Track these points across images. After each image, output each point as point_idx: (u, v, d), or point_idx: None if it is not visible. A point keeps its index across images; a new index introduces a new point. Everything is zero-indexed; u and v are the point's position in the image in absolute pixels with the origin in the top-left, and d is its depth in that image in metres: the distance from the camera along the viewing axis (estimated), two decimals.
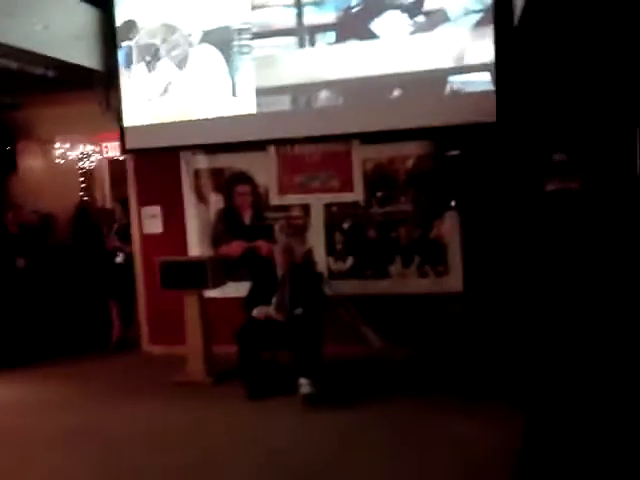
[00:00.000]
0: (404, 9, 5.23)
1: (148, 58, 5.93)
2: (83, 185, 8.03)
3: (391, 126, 5.38)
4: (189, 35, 5.79)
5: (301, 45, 5.48)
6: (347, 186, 5.88)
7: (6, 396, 5.35)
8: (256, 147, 5.98)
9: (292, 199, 6.02)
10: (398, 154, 5.73)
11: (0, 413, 4.93)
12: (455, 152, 5.35)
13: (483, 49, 5.04)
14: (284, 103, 5.61)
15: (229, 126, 5.79)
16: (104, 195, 8.41)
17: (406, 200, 5.73)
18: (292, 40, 5.51)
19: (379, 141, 5.69)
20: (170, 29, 5.85)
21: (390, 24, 5.27)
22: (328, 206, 5.93)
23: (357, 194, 5.85)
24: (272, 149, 6.00)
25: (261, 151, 6.02)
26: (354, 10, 5.35)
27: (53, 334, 6.42)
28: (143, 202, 6.42)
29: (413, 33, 5.22)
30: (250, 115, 5.70)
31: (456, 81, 5.18)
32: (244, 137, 5.80)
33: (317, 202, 5.95)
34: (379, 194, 5.81)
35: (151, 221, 6.37)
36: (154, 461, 3.88)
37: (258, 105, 5.64)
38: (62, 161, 7.51)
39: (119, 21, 5.97)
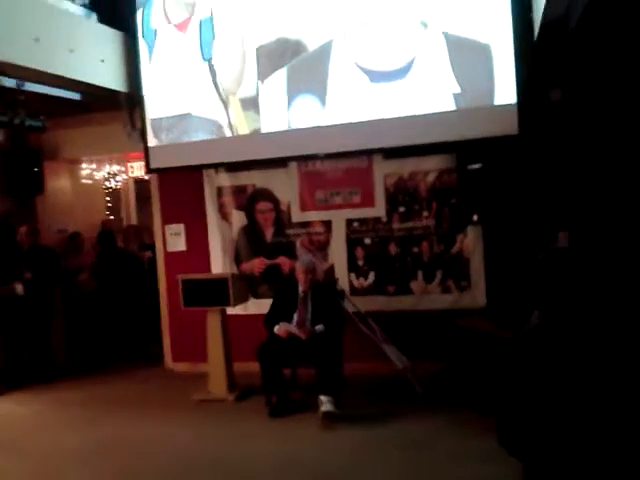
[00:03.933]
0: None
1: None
2: (109, 205, 8.15)
3: (412, 141, 5.35)
4: None
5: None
6: (369, 201, 5.87)
7: (22, 414, 5.42)
8: (278, 164, 6.00)
9: (314, 215, 6.02)
10: (420, 169, 5.71)
11: (19, 429, 5.01)
12: (477, 165, 5.30)
13: (504, 64, 5.00)
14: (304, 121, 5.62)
15: (250, 144, 5.83)
16: (130, 214, 8.54)
17: (428, 215, 5.69)
18: None
19: (401, 156, 5.67)
20: None
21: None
22: (350, 222, 5.91)
23: (379, 209, 5.83)
24: (293, 166, 6.02)
25: (283, 168, 6.04)
26: None
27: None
28: (167, 220, 6.49)
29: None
30: (271, 133, 5.72)
31: (477, 95, 5.13)
32: (265, 154, 5.82)
33: (339, 218, 5.94)
34: (401, 209, 5.78)
35: (175, 239, 6.43)
36: (177, 477, 3.88)
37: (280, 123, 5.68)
38: (89, 181, 7.63)
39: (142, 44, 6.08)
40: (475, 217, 5.33)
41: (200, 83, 5.89)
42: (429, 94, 5.23)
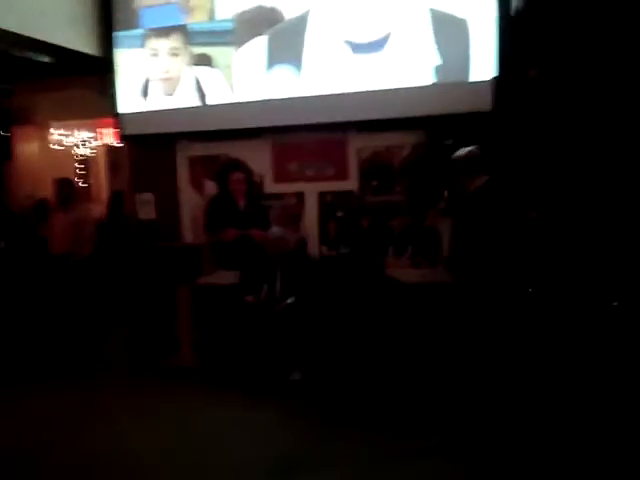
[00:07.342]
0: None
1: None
2: (81, 172, 8.03)
3: (387, 115, 5.35)
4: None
5: None
6: (342, 175, 5.88)
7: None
8: (251, 135, 5.96)
9: (287, 187, 6.02)
10: (393, 143, 5.72)
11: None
12: (450, 141, 5.31)
13: (481, 39, 4.99)
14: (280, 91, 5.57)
15: (224, 113, 5.78)
16: (100, 181, 8.41)
17: (401, 189, 5.72)
18: None
19: (375, 130, 5.66)
20: None
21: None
22: (323, 194, 5.92)
23: (352, 183, 5.85)
24: (267, 137, 5.98)
25: (256, 139, 6.00)
26: None
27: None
28: (138, 189, 6.42)
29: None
30: (245, 102, 5.67)
31: (452, 70, 5.13)
32: (239, 124, 5.79)
33: (312, 190, 5.94)
34: (374, 183, 5.80)
35: (145, 207, 6.38)
36: None
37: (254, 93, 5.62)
38: (58, 147, 7.51)
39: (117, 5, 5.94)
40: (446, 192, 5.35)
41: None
42: (406, 67, 5.22)
